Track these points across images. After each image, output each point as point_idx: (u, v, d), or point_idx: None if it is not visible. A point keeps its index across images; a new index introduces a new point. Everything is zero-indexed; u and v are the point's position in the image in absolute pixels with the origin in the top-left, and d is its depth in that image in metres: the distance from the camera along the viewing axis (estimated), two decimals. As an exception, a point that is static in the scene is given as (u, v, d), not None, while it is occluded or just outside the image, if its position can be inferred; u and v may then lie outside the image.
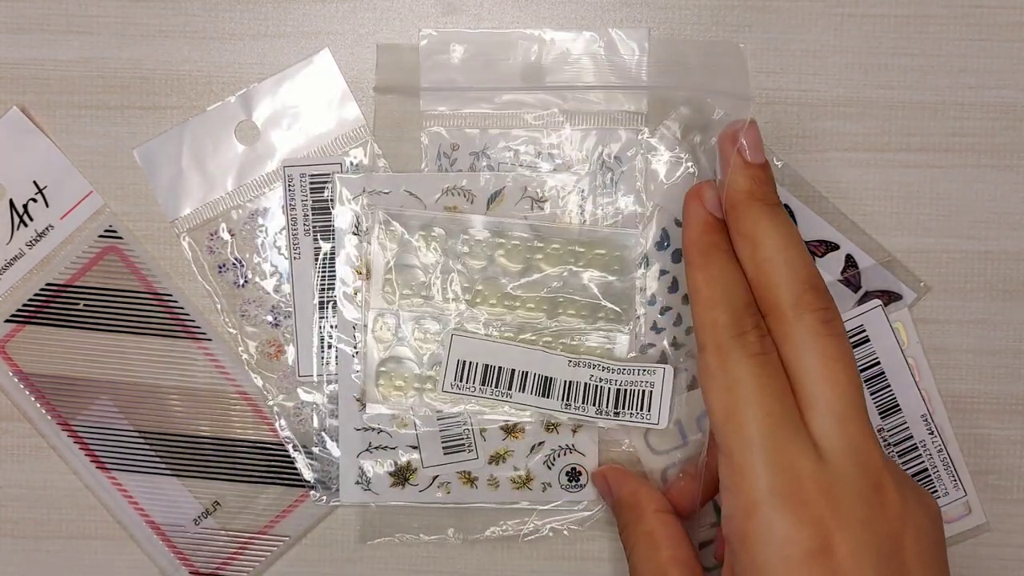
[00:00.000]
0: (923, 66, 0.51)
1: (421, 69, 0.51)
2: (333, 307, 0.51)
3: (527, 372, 0.49)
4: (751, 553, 0.38)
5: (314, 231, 0.51)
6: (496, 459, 0.52)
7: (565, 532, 0.52)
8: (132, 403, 0.53)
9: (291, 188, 0.51)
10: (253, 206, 0.52)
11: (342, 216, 0.51)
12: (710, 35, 0.51)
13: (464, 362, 0.49)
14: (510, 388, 0.49)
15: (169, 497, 0.53)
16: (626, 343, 0.50)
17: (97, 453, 0.53)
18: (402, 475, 0.52)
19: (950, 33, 0.51)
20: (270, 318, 0.52)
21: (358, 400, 0.51)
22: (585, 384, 0.49)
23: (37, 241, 0.52)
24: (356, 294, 0.51)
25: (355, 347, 0.51)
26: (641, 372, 0.49)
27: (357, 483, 0.52)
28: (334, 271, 0.51)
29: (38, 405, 0.53)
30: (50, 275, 0.52)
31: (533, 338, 0.50)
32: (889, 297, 0.51)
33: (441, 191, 0.51)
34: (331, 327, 0.51)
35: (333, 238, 0.51)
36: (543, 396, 0.49)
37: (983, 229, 0.52)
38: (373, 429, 0.52)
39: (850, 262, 0.51)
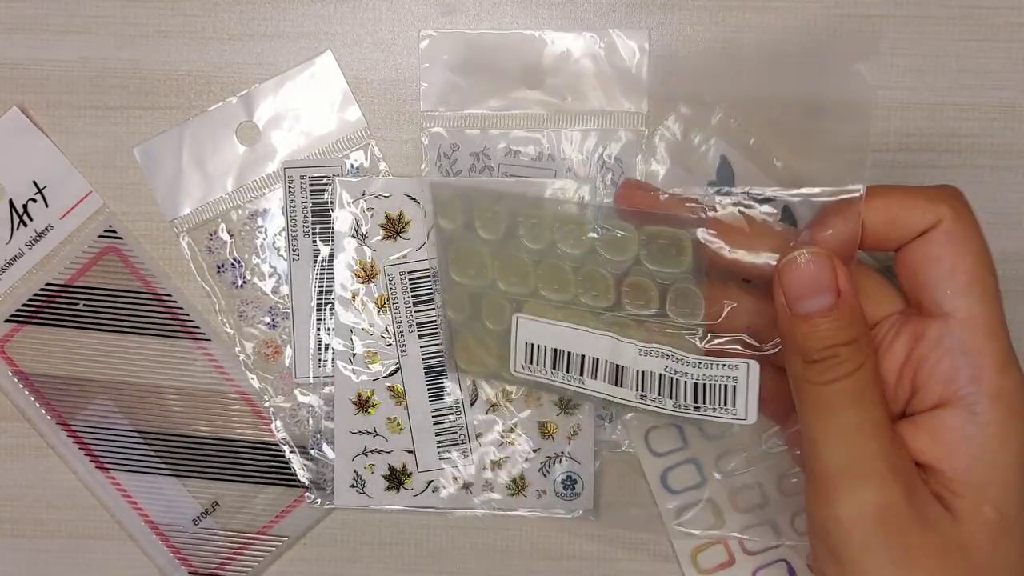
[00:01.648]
0: (922, 66, 0.51)
1: (421, 70, 0.51)
2: (331, 309, 0.51)
3: (597, 358, 0.44)
4: None
5: (313, 233, 0.51)
6: (492, 465, 0.52)
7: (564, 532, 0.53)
8: (131, 403, 0.53)
9: (291, 190, 0.51)
10: (253, 207, 0.52)
11: (342, 219, 0.51)
12: (710, 35, 0.51)
13: (532, 344, 0.46)
14: (581, 374, 0.45)
15: (168, 497, 0.53)
16: (697, 336, 0.43)
17: (96, 453, 0.53)
18: (397, 479, 0.52)
19: (949, 34, 0.51)
20: (268, 319, 0.52)
21: (354, 403, 0.51)
22: (660, 375, 0.43)
23: (37, 241, 0.52)
24: (354, 297, 0.51)
25: (352, 349, 0.51)
26: (720, 367, 0.42)
27: (352, 486, 0.52)
28: (333, 273, 0.51)
29: (37, 405, 0.53)
30: (50, 275, 0.52)
31: (604, 321, 0.45)
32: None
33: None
34: (329, 329, 0.51)
35: (332, 240, 0.51)
36: (616, 385, 0.44)
37: (982, 229, 0.51)
38: (369, 432, 0.52)
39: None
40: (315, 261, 0.51)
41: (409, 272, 0.51)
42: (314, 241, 0.51)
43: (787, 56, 0.51)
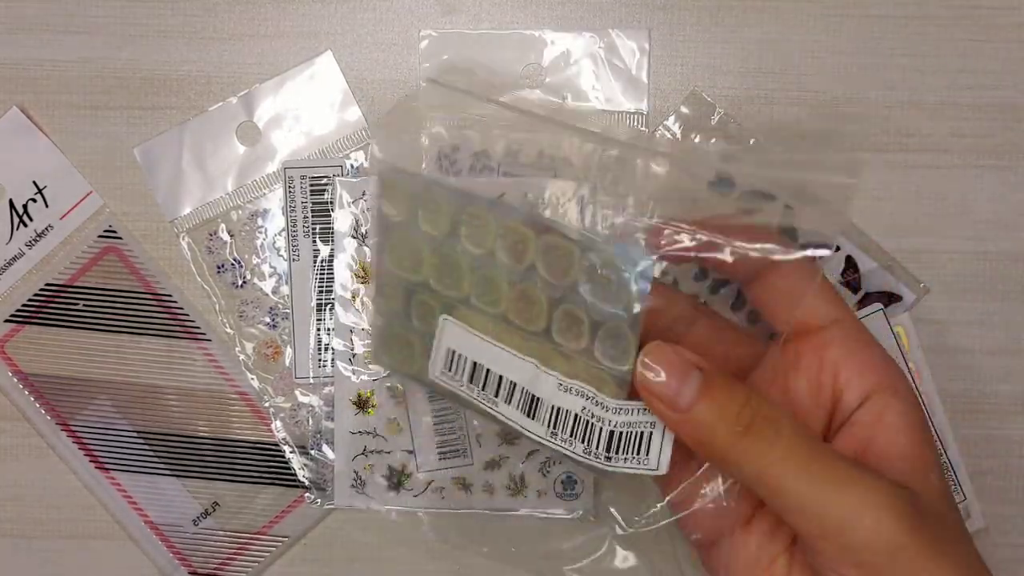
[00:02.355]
0: (922, 66, 0.51)
1: (421, 69, 0.51)
2: (331, 310, 0.51)
3: (515, 383, 0.41)
4: None
5: (313, 233, 0.51)
6: (491, 465, 0.52)
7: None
8: (131, 403, 0.53)
9: (291, 190, 0.51)
10: (253, 207, 0.52)
11: (342, 219, 0.51)
12: (709, 34, 0.51)
13: (454, 352, 0.42)
14: (496, 395, 0.41)
15: (168, 497, 0.53)
16: (624, 376, 0.39)
17: (96, 453, 0.53)
18: (396, 479, 0.52)
19: (949, 34, 0.51)
20: (268, 319, 0.52)
21: (354, 403, 0.51)
22: (576, 416, 0.40)
23: (37, 241, 0.52)
24: (354, 298, 0.51)
25: (352, 349, 0.51)
26: (639, 412, 0.39)
27: (352, 486, 0.52)
28: (333, 273, 0.51)
29: (37, 405, 0.53)
30: (50, 275, 0.52)
31: (529, 345, 0.41)
32: (889, 299, 0.51)
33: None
34: (328, 330, 0.51)
35: (332, 241, 0.51)
36: (528, 416, 0.41)
37: (982, 230, 0.51)
38: (369, 432, 0.52)
39: (850, 263, 0.51)
40: (315, 261, 0.51)
41: (409, 272, 0.51)
42: (314, 241, 0.51)
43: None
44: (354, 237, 0.51)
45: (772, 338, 0.41)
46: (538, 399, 0.40)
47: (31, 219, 0.52)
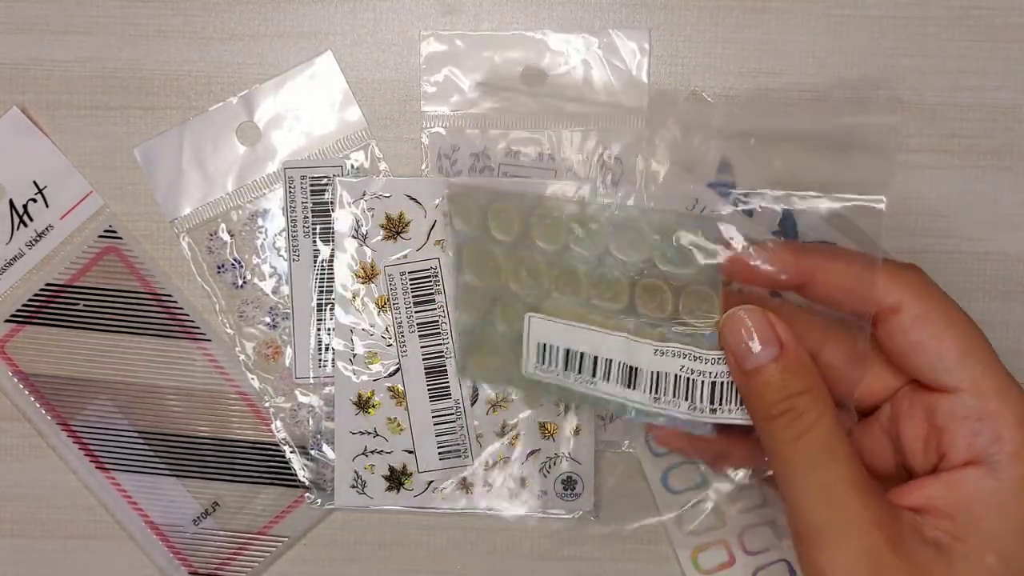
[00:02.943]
0: (922, 67, 0.51)
1: (421, 70, 0.51)
2: (331, 310, 0.51)
3: (611, 360, 0.43)
4: None
5: (314, 233, 0.51)
6: (491, 465, 0.52)
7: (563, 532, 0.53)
8: (131, 403, 0.53)
9: (291, 190, 0.51)
10: (253, 207, 0.52)
11: (342, 219, 0.51)
12: (710, 35, 0.51)
13: (544, 345, 0.45)
14: (594, 375, 0.44)
15: (168, 497, 0.53)
16: (715, 331, 0.41)
17: (96, 453, 0.53)
18: (397, 479, 0.52)
19: (949, 34, 0.51)
20: (268, 319, 0.52)
21: (354, 403, 0.51)
22: (676, 376, 0.42)
23: (37, 241, 0.52)
24: (355, 298, 0.51)
25: (352, 349, 0.51)
26: None
27: (352, 486, 0.52)
28: (333, 274, 0.51)
29: (37, 405, 0.53)
30: (50, 275, 0.52)
31: (617, 322, 0.43)
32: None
33: (441, 196, 0.51)
34: (329, 330, 0.51)
35: (333, 241, 0.51)
36: (629, 387, 0.43)
37: (982, 230, 0.51)
38: (369, 432, 0.52)
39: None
40: (315, 261, 0.51)
41: (409, 272, 0.51)
42: (314, 241, 0.51)
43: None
44: (354, 237, 0.51)
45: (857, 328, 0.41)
46: (636, 369, 0.43)
47: (31, 219, 0.52)
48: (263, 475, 0.53)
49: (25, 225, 0.52)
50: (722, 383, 0.41)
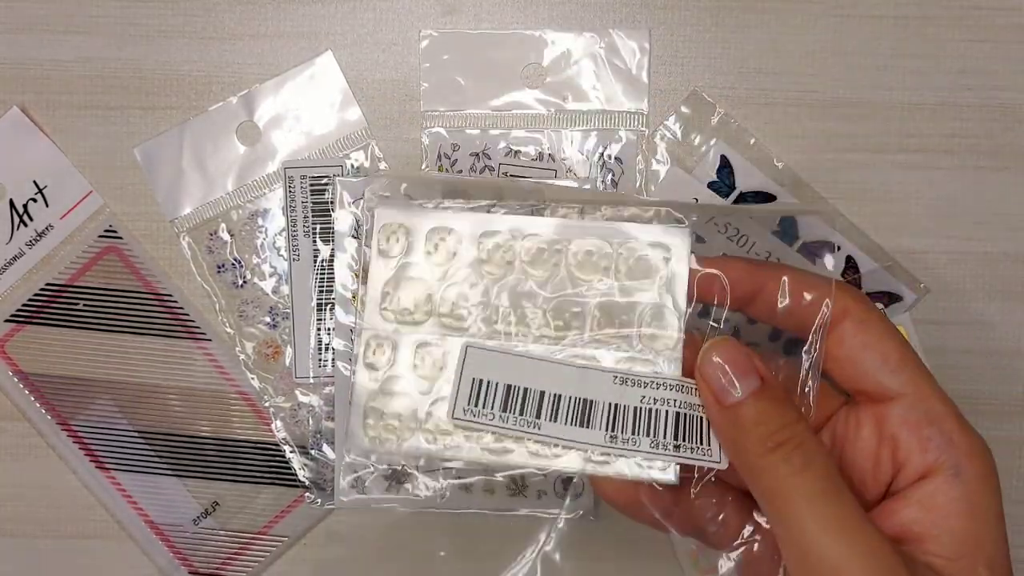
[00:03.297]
0: (922, 67, 0.51)
1: (421, 69, 0.51)
2: (331, 309, 0.51)
3: (560, 395, 0.38)
4: None
5: (314, 233, 0.51)
6: (491, 465, 0.51)
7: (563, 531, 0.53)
8: (132, 403, 0.53)
9: (291, 190, 0.51)
10: (253, 207, 0.52)
11: (342, 219, 0.51)
12: (710, 35, 0.51)
13: (481, 381, 0.39)
14: (538, 416, 0.38)
15: (168, 497, 0.53)
16: (676, 361, 0.39)
17: (96, 453, 0.53)
18: (397, 479, 0.52)
19: (949, 34, 0.51)
20: (268, 319, 0.52)
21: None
22: (636, 409, 0.38)
23: (37, 241, 0.52)
24: (355, 297, 0.51)
25: (352, 349, 0.51)
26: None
27: (352, 486, 0.52)
28: (333, 273, 0.51)
29: (38, 405, 0.53)
30: (50, 275, 0.52)
31: (569, 350, 0.39)
32: (889, 299, 0.51)
33: (442, 196, 0.51)
34: (329, 329, 0.51)
35: (333, 240, 0.51)
36: (582, 426, 0.38)
37: (982, 230, 0.51)
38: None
39: (850, 263, 0.51)
40: (315, 261, 0.51)
41: (409, 272, 0.51)
42: (314, 241, 0.51)
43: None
44: (355, 237, 0.51)
45: (846, 398, 0.41)
46: (591, 402, 0.38)
47: (31, 219, 0.52)
48: (263, 475, 0.53)
49: (25, 225, 0.52)
50: (686, 415, 0.38)
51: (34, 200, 0.52)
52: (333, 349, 0.51)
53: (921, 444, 0.38)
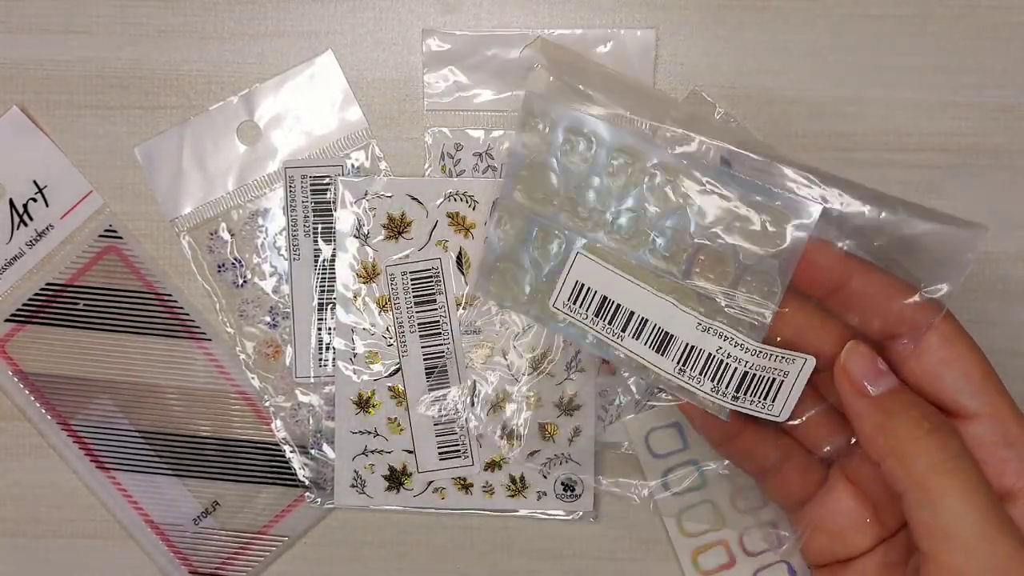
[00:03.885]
0: (922, 66, 0.51)
1: (425, 68, 0.51)
2: (332, 309, 0.51)
3: (647, 319, 0.42)
4: None
5: (314, 232, 0.51)
6: (492, 466, 0.52)
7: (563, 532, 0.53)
8: (132, 403, 0.53)
9: (292, 189, 0.51)
10: (254, 206, 0.52)
11: (344, 219, 0.51)
12: (710, 34, 0.51)
13: (582, 285, 0.43)
14: (624, 330, 0.42)
15: (168, 497, 0.53)
16: (763, 328, 0.41)
17: (97, 452, 0.53)
18: (397, 479, 0.52)
19: (949, 33, 0.51)
20: (268, 319, 0.52)
21: (355, 403, 0.51)
22: (709, 355, 0.41)
23: (37, 241, 0.52)
24: (356, 297, 0.51)
25: (353, 349, 0.51)
26: (779, 359, 0.41)
27: (352, 486, 0.52)
28: (334, 273, 0.51)
29: (38, 405, 0.53)
30: (50, 275, 0.52)
31: (664, 284, 0.42)
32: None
33: (443, 196, 0.51)
34: (330, 329, 0.51)
35: (333, 240, 0.51)
36: (658, 352, 0.42)
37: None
38: (369, 432, 0.52)
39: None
40: (316, 261, 0.51)
41: (411, 272, 0.51)
42: (315, 241, 0.51)
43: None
44: (356, 237, 0.51)
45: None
46: (671, 336, 0.42)
47: (31, 219, 0.52)
48: (263, 474, 0.53)
49: (25, 225, 0.52)
50: (754, 375, 0.41)
51: (34, 200, 0.52)
52: (334, 349, 0.51)
53: (997, 467, 0.38)
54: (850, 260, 0.40)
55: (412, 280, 0.51)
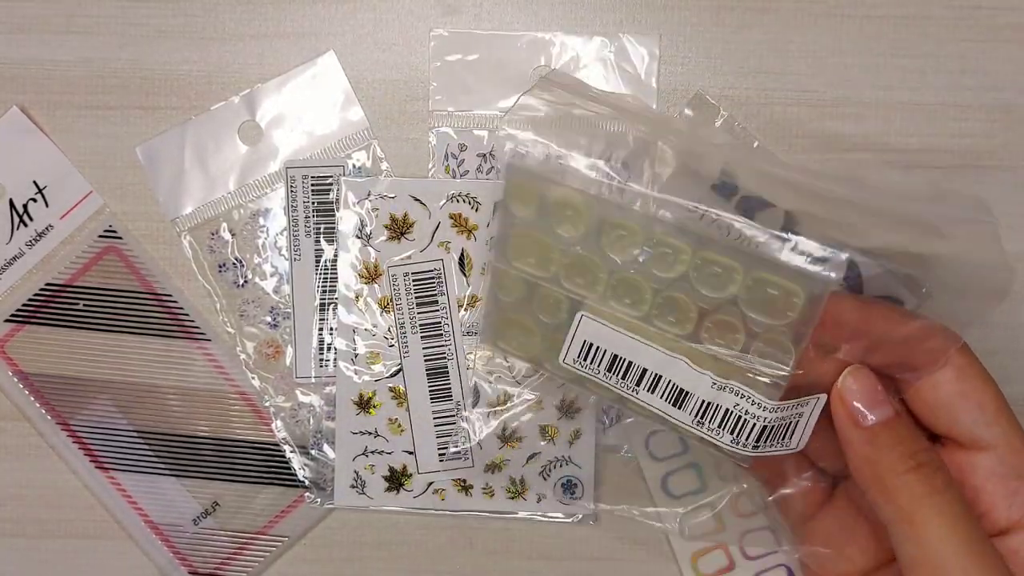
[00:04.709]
0: (922, 67, 0.51)
1: (431, 69, 0.51)
2: (333, 309, 0.51)
3: (660, 376, 0.41)
4: None
5: (315, 233, 0.51)
6: (492, 467, 0.52)
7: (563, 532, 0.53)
8: (131, 403, 0.53)
9: (293, 189, 0.51)
10: (255, 206, 0.52)
11: (346, 219, 0.51)
12: (710, 35, 0.52)
13: (591, 345, 0.42)
14: (638, 385, 0.41)
15: (168, 497, 0.53)
16: (779, 388, 0.39)
17: (96, 453, 0.53)
18: (397, 480, 0.52)
19: (949, 34, 0.51)
20: (269, 319, 0.52)
21: (355, 403, 0.51)
22: (727, 411, 0.40)
23: (37, 241, 0.52)
24: (357, 298, 0.51)
25: (354, 349, 0.51)
26: (792, 408, 0.40)
27: (352, 486, 0.52)
28: (335, 273, 0.51)
29: (37, 405, 0.53)
30: (50, 275, 0.52)
31: (674, 344, 0.41)
32: (890, 301, 0.51)
33: (446, 197, 0.51)
34: (331, 329, 0.51)
35: (335, 240, 0.51)
36: (675, 406, 0.41)
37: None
38: (369, 433, 0.52)
39: (850, 265, 0.51)
40: (317, 261, 0.51)
41: (413, 273, 0.51)
42: (316, 241, 0.51)
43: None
44: (358, 237, 0.51)
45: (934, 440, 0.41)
46: (687, 392, 0.40)
47: (31, 219, 0.52)
48: (263, 475, 0.53)
49: (25, 225, 0.52)
50: (773, 427, 0.40)
51: (34, 200, 0.52)
52: (335, 349, 0.51)
53: (1007, 499, 0.39)
54: (866, 307, 0.40)
55: (414, 281, 0.51)
